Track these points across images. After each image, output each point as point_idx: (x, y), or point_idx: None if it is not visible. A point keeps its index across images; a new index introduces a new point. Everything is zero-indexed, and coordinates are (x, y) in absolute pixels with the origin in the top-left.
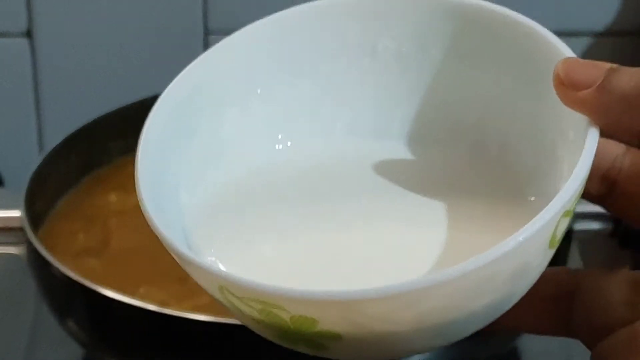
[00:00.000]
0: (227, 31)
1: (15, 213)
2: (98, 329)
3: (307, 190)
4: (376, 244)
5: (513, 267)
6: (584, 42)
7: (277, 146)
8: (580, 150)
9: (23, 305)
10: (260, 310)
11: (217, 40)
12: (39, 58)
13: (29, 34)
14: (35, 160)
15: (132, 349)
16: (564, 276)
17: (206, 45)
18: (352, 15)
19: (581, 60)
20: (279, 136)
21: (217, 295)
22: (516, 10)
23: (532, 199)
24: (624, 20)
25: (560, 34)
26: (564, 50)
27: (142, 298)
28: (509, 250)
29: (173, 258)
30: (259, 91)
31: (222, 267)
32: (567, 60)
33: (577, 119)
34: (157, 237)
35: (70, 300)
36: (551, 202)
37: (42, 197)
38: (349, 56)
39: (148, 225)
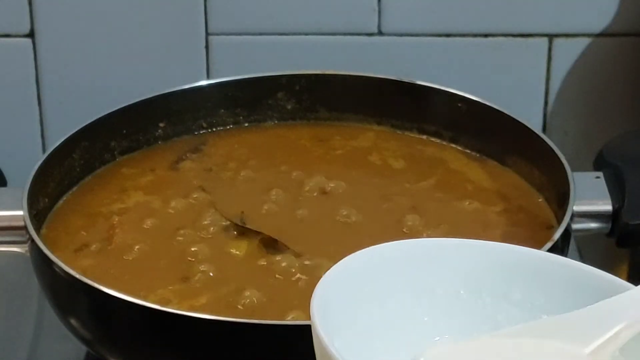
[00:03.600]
0: (228, 32)
1: (18, 212)
2: (100, 327)
3: None
4: None
5: None
6: (583, 42)
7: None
8: None
9: (26, 302)
10: None
11: (218, 41)
12: (41, 58)
13: (31, 34)
14: (37, 160)
15: (133, 347)
16: None
17: (207, 46)
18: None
19: None
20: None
21: None
22: (516, 12)
23: None
24: (621, 21)
25: (559, 35)
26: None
27: (143, 296)
28: None
29: (174, 257)
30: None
31: None
32: None
33: None
34: None
35: (72, 298)
36: None
37: (44, 196)
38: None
39: (149, 224)
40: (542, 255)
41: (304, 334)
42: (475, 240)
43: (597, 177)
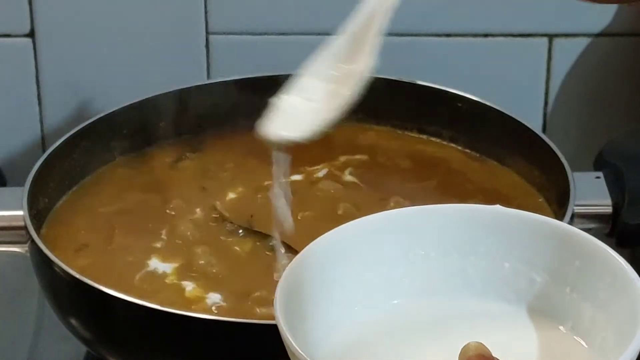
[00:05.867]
0: (228, 32)
1: (18, 212)
2: (100, 327)
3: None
4: None
5: None
6: (583, 42)
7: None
8: None
9: (26, 302)
10: None
11: (218, 41)
12: (41, 58)
13: (31, 34)
14: (37, 159)
15: (133, 347)
16: None
17: (207, 46)
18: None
19: None
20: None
21: None
22: (516, 12)
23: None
24: (621, 21)
25: (559, 35)
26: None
27: (143, 296)
28: None
29: (174, 257)
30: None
31: None
32: None
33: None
34: None
35: (72, 298)
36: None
37: (44, 196)
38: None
39: (149, 224)
40: (497, 210)
41: None
42: (434, 205)
43: (597, 177)
